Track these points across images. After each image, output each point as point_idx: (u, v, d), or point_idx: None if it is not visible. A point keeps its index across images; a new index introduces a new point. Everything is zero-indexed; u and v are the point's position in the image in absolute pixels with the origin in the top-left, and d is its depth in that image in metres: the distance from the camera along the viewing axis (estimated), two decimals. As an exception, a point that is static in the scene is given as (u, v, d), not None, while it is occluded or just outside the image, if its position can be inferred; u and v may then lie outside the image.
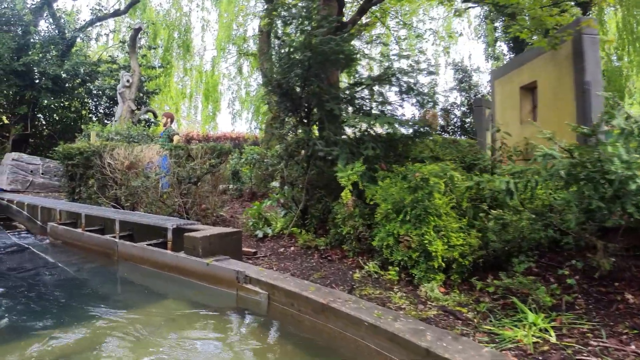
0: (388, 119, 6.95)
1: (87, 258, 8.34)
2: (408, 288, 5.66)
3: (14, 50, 19.54)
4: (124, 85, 17.94)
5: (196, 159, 9.12)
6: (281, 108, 8.18)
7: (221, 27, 25.45)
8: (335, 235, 7.31)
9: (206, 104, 27.59)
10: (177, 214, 9.37)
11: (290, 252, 7.58)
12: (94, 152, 10.73)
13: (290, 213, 8.42)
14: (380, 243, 6.06)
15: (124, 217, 8.09)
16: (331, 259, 7.01)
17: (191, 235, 6.58)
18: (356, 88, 7.98)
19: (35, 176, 16.98)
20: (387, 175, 6.62)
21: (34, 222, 10.96)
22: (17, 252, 8.94)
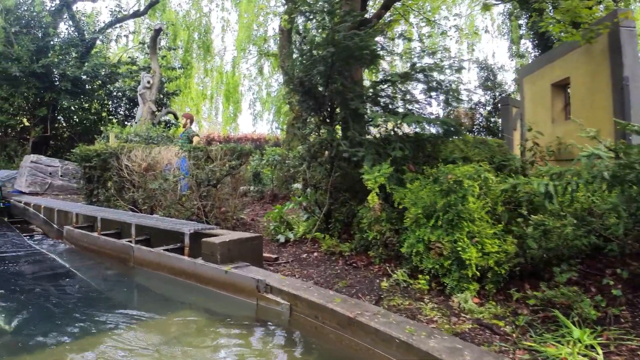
0: (417, 118, 6.57)
1: (103, 263, 8.07)
2: (439, 298, 5.29)
3: (34, 53, 19.47)
4: (144, 86, 17.72)
5: (215, 160, 8.82)
6: (303, 107, 7.83)
7: (241, 27, 25.23)
8: (360, 240, 6.95)
9: (227, 105, 27.41)
10: (195, 217, 9.08)
11: (313, 258, 7.23)
12: (111, 153, 10.48)
13: (313, 217, 8.07)
14: (410, 250, 5.70)
15: (140, 221, 7.80)
16: (356, 266, 6.65)
17: (209, 240, 6.26)
18: (381, 86, 7.60)
19: (54, 178, 16.82)
20: (416, 178, 6.26)
21: (50, 225, 10.73)
22: (32, 256, 8.69)
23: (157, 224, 7.38)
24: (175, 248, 7.24)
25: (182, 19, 25.40)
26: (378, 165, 6.38)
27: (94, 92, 22.39)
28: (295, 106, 8.98)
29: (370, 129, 7.83)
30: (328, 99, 7.45)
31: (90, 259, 8.38)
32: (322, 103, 7.52)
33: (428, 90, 7.48)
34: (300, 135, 8.30)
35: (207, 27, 25.77)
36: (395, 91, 7.60)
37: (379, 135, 7.42)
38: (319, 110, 7.64)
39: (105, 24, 23.63)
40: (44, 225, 11.09)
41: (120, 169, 10.00)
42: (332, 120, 7.70)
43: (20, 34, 19.77)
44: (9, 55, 19.24)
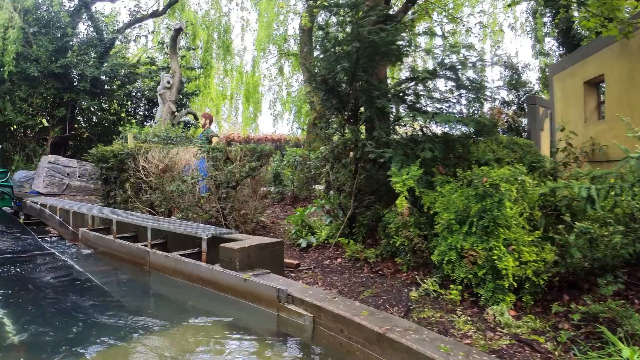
0: (447, 117, 6.19)
1: (118, 268, 7.81)
2: (472, 310, 4.94)
3: (52, 53, 19.32)
4: (164, 86, 17.45)
5: (235, 161, 8.50)
6: (326, 106, 7.48)
7: (261, 26, 24.94)
8: (386, 246, 6.59)
9: (247, 106, 27.15)
10: (214, 219, 8.78)
11: (336, 264, 6.88)
12: (128, 154, 10.21)
13: (336, 221, 7.71)
14: (441, 258, 5.35)
15: (156, 224, 7.51)
16: (382, 274, 6.30)
17: (227, 246, 5.93)
18: (408, 83, 7.23)
19: (72, 179, 16.65)
20: (446, 180, 5.89)
21: (65, 227, 10.50)
22: (45, 260, 8.45)
23: (174, 228, 7.07)
24: (193, 253, 6.95)
25: (202, 19, 25.16)
26: (406, 167, 6.03)
27: (113, 93, 22.24)
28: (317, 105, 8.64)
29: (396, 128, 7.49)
30: (352, 97, 7.10)
31: (105, 263, 8.12)
32: (346, 102, 7.17)
33: (457, 87, 7.10)
34: (323, 136, 7.96)
35: (226, 27, 25.49)
36: (422, 89, 7.23)
37: (405, 135, 7.06)
38: (343, 109, 7.28)
39: (124, 24, 23.48)
40: (59, 227, 10.86)
41: (137, 170, 9.73)
42: (357, 120, 7.34)
43: (39, 34, 19.65)
44: (28, 56, 19.13)
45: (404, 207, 5.77)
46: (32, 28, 19.50)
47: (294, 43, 24.73)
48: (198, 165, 9.37)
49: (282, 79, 26.60)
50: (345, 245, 6.96)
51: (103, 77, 20.93)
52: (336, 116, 7.49)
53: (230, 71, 27.51)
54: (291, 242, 8.09)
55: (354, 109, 7.26)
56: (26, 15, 19.37)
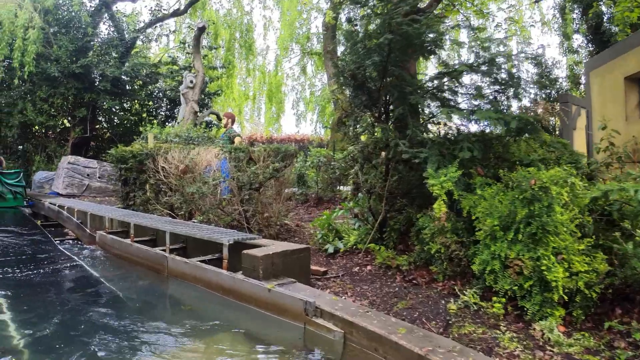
0: (488, 113, 5.70)
1: (135, 273, 7.44)
2: (517, 325, 4.49)
3: (73, 53, 19.16)
4: (187, 86, 17.12)
5: (258, 162, 8.11)
6: (355, 103, 7.05)
7: (284, 25, 24.61)
8: (420, 253, 6.15)
9: (269, 106, 26.82)
10: (236, 222, 8.41)
11: (366, 272, 6.45)
12: (147, 155, 9.86)
13: (366, 225, 7.27)
14: (482, 267, 4.91)
15: (174, 228, 7.11)
16: (417, 283, 5.86)
17: (250, 253, 5.52)
18: (442, 79, 6.77)
19: (92, 180, 16.42)
20: (486, 183, 5.44)
21: (83, 229, 10.18)
22: (60, 263, 8.12)
23: (193, 233, 6.68)
24: (213, 259, 6.56)
25: (223, 18, 24.86)
26: (443, 169, 5.59)
27: (134, 93, 22.05)
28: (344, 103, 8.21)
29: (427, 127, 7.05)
30: (383, 93, 6.66)
31: (122, 268, 7.77)
32: (376, 98, 6.73)
33: (494, 83, 6.64)
34: (351, 135, 7.52)
35: (248, 26, 25.18)
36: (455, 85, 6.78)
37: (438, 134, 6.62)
38: (373, 107, 6.84)
39: (145, 23, 23.26)
40: (77, 229, 10.55)
41: (156, 171, 9.38)
42: (387, 118, 6.91)
43: (59, 34, 19.51)
44: (48, 56, 18.99)
45: (443, 211, 5.32)
46: (53, 28, 19.39)
47: (317, 42, 24.35)
48: (220, 166, 8.99)
49: (305, 78, 26.28)
50: (376, 251, 6.52)
51: (124, 77, 20.75)
52: (365, 114, 7.05)
53: (253, 71, 27.21)
54: (317, 247, 7.67)
55: (385, 106, 6.82)
56: (46, 16, 19.27)
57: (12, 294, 6.28)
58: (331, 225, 7.75)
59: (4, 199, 15.69)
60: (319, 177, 13.24)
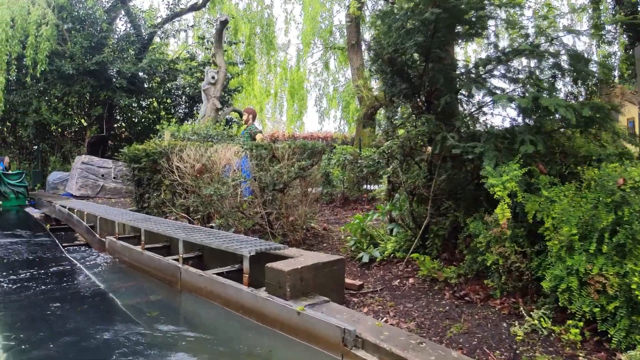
0: (556, 101, 4.80)
1: (145, 285, 6.65)
2: (599, 354, 3.68)
3: (88, 50, 18.53)
4: (208, 82, 16.29)
5: (282, 160, 7.27)
6: (392, 92, 6.17)
7: (306, 19, 23.81)
8: (471, 264, 5.27)
9: (291, 103, 26.03)
10: (259, 226, 7.60)
11: (408, 286, 5.57)
12: (161, 153, 9.04)
13: (405, 231, 6.39)
14: (554, 284, 4.06)
15: (188, 236, 6.26)
16: (470, 300, 4.99)
17: (275, 267, 4.67)
18: (491, 63, 5.87)
19: (107, 180, 15.71)
20: (551, 182, 4.59)
21: (92, 234, 9.43)
22: (65, 272, 7.37)
23: (209, 242, 5.81)
24: (233, 270, 5.74)
25: (243, 12, 24.06)
26: (502, 166, 4.73)
27: (152, 90, 21.35)
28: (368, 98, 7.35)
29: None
30: (426, 79, 5.79)
31: (132, 279, 7.00)
32: (417, 86, 5.85)
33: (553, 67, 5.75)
34: (388, 127, 6.65)
35: (269, 20, 24.34)
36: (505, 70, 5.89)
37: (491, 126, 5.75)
38: (415, 95, 5.96)
39: (162, 19, 22.54)
40: (86, 234, 9.79)
41: (170, 170, 8.58)
42: (430, 107, 6.02)
43: (74, 30, 18.89)
44: (63, 53, 18.38)
45: (507, 217, 4.45)
46: (67, 25, 18.76)
47: (339, 35, 23.53)
48: (240, 165, 8.16)
49: (327, 74, 25.49)
50: (420, 262, 5.64)
51: (141, 74, 20.05)
52: (405, 103, 6.18)
53: (274, 66, 26.44)
54: (349, 256, 6.83)
55: (428, 94, 5.93)
56: (61, 12, 18.67)
57: (8, 308, 5.57)
58: (364, 231, 6.88)
59: (7, 199, 16.63)
60: (345, 176, 12.41)
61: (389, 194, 7.08)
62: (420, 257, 5.58)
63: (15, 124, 20.91)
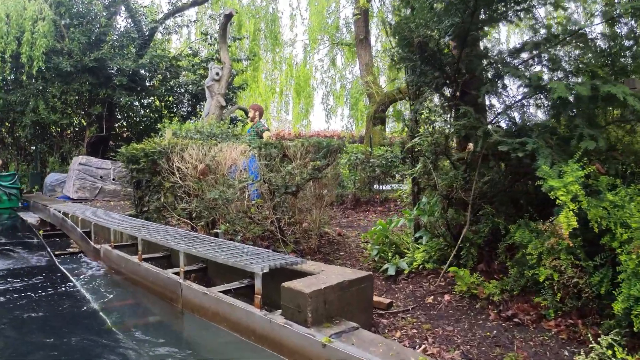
0: (623, 88, 4.06)
1: (143, 302, 5.92)
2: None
3: (86, 46, 17.80)
4: (212, 78, 15.47)
5: (295, 160, 6.54)
6: (421, 81, 5.42)
7: (312, 14, 23.06)
8: (518, 278, 4.56)
9: (297, 101, 25.24)
10: (268, 233, 6.87)
11: (444, 304, 4.84)
12: (161, 152, 8.25)
13: (437, 239, 5.63)
14: (627, 305, 3.37)
15: (191, 247, 5.44)
16: (519, 322, 4.28)
17: (294, 287, 3.93)
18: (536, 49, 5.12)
19: (106, 182, 14.93)
20: (612, 184, 3.91)
21: (87, 242, 8.66)
22: (55, 286, 6.60)
23: (214, 256, 4.98)
24: (242, 287, 5.01)
25: (247, 7, 23.24)
26: (559, 165, 4.02)
27: (154, 88, 20.59)
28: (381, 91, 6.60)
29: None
30: (463, 67, 5.04)
31: (128, 294, 6.26)
32: (452, 75, 5.11)
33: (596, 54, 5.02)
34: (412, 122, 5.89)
35: (274, 16, 23.50)
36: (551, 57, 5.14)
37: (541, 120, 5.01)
38: (449, 85, 5.20)
39: (163, 14, 21.75)
40: (81, 241, 8.99)
41: (171, 172, 7.81)
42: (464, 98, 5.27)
43: (72, 27, 18.14)
44: (60, 50, 17.67)
45: (572, 225, 3.72)
46: (65, 20, 17.99)
47: (346, 31, 22.75)
48: (247, 165, 7.40)
49: (334, 71, 24.63)
50: (457, 276, 4.90)
51: (142, 72, 19.30)
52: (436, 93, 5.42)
53: (279, 63, 25.66)
54: (371, 267, 6.09)
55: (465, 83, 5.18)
56: (58, 8, 17.90)
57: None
58: (387, 238, 6.13)
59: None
60: (356, 176, 11.70)
61: (414, 197, 6.33)
62: (459, 271, 4.84)
63: (13, 124, 20.20)
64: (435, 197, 5.54)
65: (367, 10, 17.56)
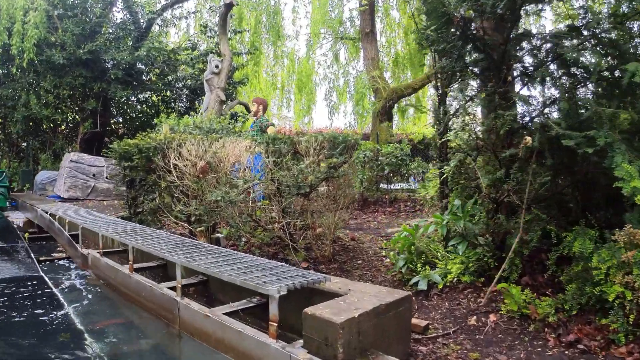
0: None
1: (134, 322, 5.12)
2: None
3: (80, 38, 16.95)
4: (211, 71, 14.57)
5: (307, 156, 5.78)
6: (460, 66, 4.67)
7: (315, 7, 22.33)
8: (577, 295, 3.83)
9: (299, 97, 24.49)
10: (278, 239, 6.14)
11: (491, 325, 4.08)
12: (156, 149, 7.44)
13: (475, 248, 4.87)
14: None
15: (190, 260, 4.58)
16: (585, 349, 3.58)
17: (320, 315, 3.14)
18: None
19: (99, 180, 14.08)
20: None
21: (74, 247, 7.81)
22: (35, 299, 5.80)
23: (218, 272, 4.11)
24: (249, 307, 4.25)
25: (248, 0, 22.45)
26: (637, 162, 3.31)
27: (151, 83, 19.76)
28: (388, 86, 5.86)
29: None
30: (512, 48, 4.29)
31: (119, 310, 5.46)
32: (501, 57, 4.35)
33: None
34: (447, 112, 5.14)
35: (276, 9, 22.65)
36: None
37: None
38: (498, 69, 4.43)
39: (161, 5, 20.88)
40: (68, 246, 8.17)
41: (167, 170, 7.01)
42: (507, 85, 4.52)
43: (65, 18, 17.29)
44: (53, 42, 16.86)
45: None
46: (58, 11, 17.14)
47: (350, 25, 22.00)
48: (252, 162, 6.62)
49: (337, 66, 23.90)
50: (507, 293, 4.15)
51: (139, 65, 18.47)
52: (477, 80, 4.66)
53: (281, 58, 24.85)
54: (396, 279, 5.35)
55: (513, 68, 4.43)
56: (51, -3, 17.08)
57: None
58: (415, 246, 5.37)
59: None
60: (364, 174, 11.00)
61: (443, 199, 5.58)
62: (512, 288, 4.09)
63: (4, 120, 19.39)
64: (474, 199, 4.81)
65: (373, 1, 16.84)
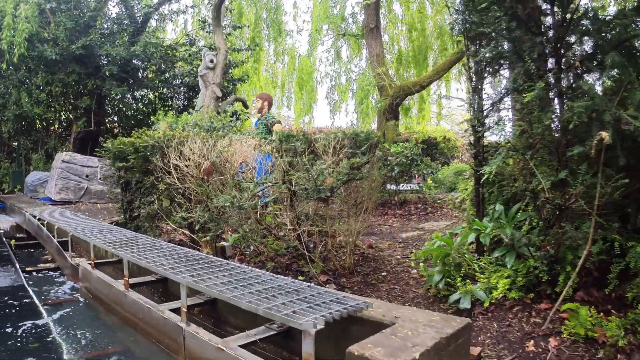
0: None
1: (131, 351, 4.38)
2: None
3: (73, 32, 16.24)
4: (206, 66, 13.82)
5: (326, 156, 5.14)
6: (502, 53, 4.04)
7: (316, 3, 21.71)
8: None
9: (300, 95, 23.83)
10: (292, 249, 5.50)
11: (553, 352, 3.44)
12: (154, 147, 6.73)
13: (525, 261, 4.22)
14: None
15: (197, 280, 3.87)
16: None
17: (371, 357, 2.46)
18: None
19: (92, 182, 13.34)
20: None
21: (64, 257, 7.12)
22: (15, 317, 5.14)
23: (235, 298, 3.35)
24: (271, 336, 3.58)
25: (248, -5, 21.82)
26: None
27: (147, 80, 19.07)
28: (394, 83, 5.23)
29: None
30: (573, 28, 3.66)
31: (113, 335, 4.74)
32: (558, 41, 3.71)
33: None
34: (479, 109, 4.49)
35: (277, 4, 22.00)
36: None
37: None
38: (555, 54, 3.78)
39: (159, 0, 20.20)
40: (57, 254, 7.47)
41: (166, 171, 6.31)
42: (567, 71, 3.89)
43: (59, 11, 16.60)
44: (45, 37, 16.18)
45: None
46: (51, 4, 16.43)
47: (352, 22, 21.36)
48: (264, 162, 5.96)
49: (339, 64, 23.23)
50: (571, 314, 3.52)
51: (135, 62, 17.78)
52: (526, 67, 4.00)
53: (282, 55, 24.21)
54: (430, 293, 4.71)
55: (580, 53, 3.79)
56: (44, -11, 16.36)
57: None
58: (451, 257, 4.72)
59: None
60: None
61: (479, 204, 4.94)
62: (581, 309, 3.46)
63: (-4, 118, 18.71)
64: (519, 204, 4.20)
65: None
